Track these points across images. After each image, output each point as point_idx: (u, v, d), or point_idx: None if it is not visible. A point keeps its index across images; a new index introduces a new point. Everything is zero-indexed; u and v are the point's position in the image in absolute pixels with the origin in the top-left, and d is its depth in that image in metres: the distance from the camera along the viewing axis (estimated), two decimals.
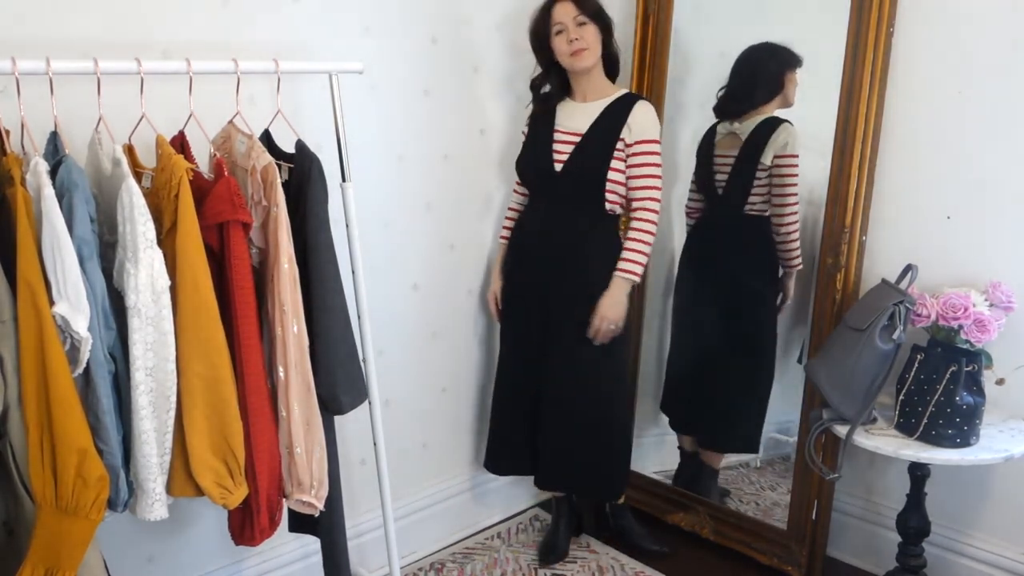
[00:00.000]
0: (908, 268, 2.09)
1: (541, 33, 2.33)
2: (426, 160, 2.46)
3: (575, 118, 2.36)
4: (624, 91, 2.38)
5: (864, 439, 2.01)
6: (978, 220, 2.17)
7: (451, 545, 2.70)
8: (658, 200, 2.31)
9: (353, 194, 1.98)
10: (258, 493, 1.71)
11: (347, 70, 1.92)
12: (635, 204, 2.32)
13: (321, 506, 1.82)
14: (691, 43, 2.65)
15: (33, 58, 1.46)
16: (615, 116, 2.32)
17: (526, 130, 2.49)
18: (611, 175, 2.30)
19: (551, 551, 2.61)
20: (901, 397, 2.03)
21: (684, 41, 2.64)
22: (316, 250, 1.79)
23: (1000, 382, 2.06)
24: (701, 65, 2.67)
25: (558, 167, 2.35)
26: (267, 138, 1.84)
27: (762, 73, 2.48)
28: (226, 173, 1.64)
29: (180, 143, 1.69)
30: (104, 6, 1.77)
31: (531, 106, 2.48)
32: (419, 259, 2.51)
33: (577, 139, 2.34)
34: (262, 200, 1.71)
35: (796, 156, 2.44)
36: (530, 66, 2.64)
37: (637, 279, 2.32)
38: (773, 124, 2.45)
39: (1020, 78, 2.06)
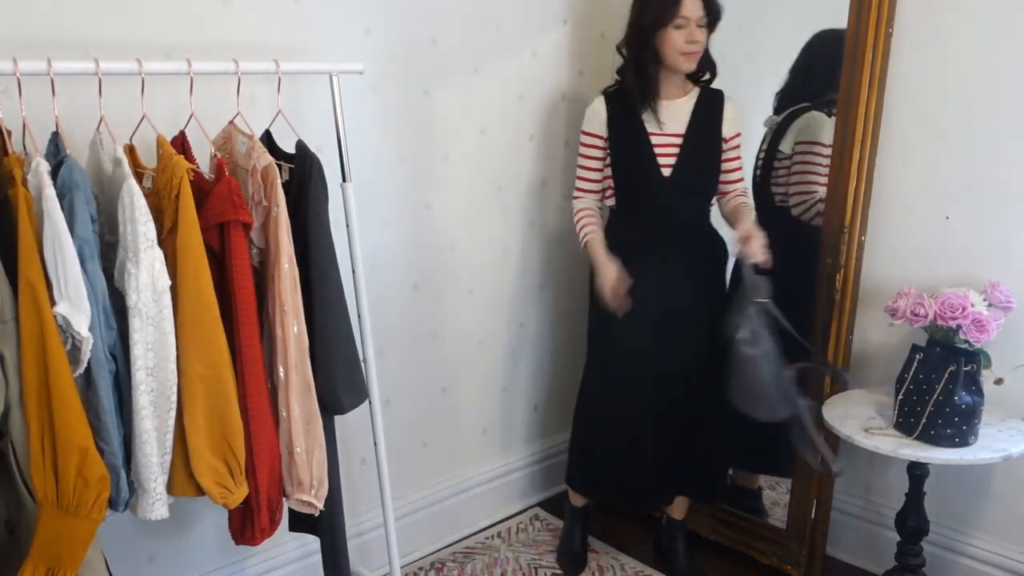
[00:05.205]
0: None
1: (660, 21, 2.17)
2: (426, 160, 2.46)
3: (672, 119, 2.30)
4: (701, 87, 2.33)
5: (863, 439, 2.01)
6: (977, 220, 2.17)
7: (451, 545, 2.70)
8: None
9: (353, 194, 1.99)
10: (258, 493, 1.71)
11: (347, 70, 1.93)
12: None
13: (321, 506, 1.82)
14: None
15: (34, 59, 1.47)
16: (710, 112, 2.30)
17: (599, 133, 2.33)
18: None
19: (578, 560, 2.58)
20: (900, 397, 2.04)
21: None
22: (316, 250, 1.79)
23: (999, 382, 2.07)
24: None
25: (666, 172, 2.28)
26: (268, 138, 1.84)
27: (820, 66, 2.40)
28: (227, 173, 1.64)
29: (181, 143, 1.69)
30: (105, 6, 1.78)
31: (604, 107, 2.32)
32: (419, 259, 2.51)
33: (679, 141, 2.28)
34: (262, 200, 1.72)
35: (817, 144, 2.39)
36: (529, 67, 2.66)
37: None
38: (799, 112, 2.43)
39: (1019, 78, 2.07)
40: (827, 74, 2.37)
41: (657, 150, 2.27)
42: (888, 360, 2.33)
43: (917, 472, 2.11)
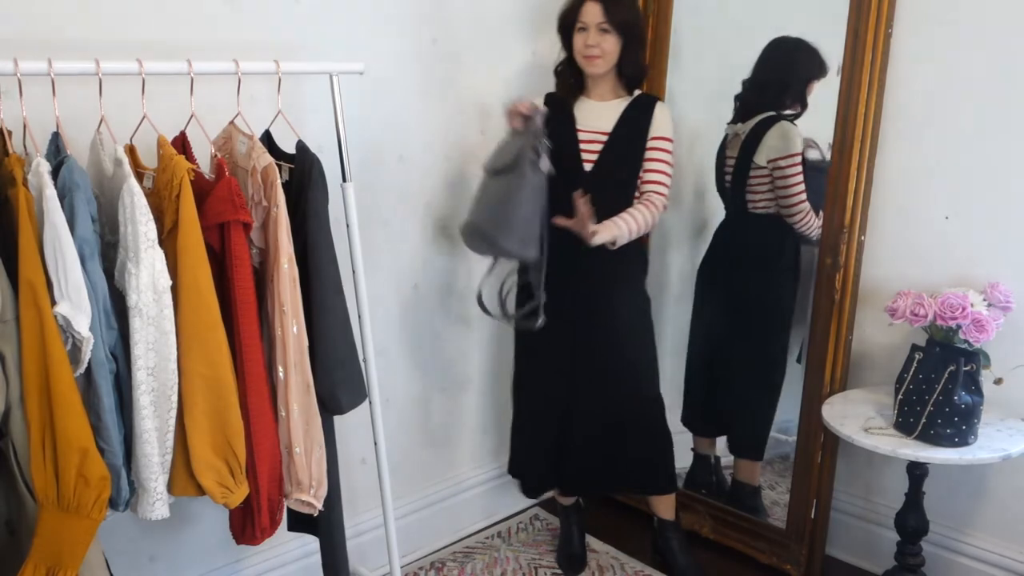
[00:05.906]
0: None
1: (566, 23, 2.29)
2: (426, 160, 2.47)
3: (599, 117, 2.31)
4: (638, 93, 2.35)
5: (863, 438, 2.01)
6: (977, 220, 2.17)
7: (451, 544, 2.70)
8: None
9: (353, 194, 1.99)
10: (259, 492, 1.71)
11: (348, 71, 1.93)
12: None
13: (320, 506, 1.82)
14: (691, 44, 2.65)
15: (35, 59, 1.47)
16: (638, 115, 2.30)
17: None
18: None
19: (576, 560, 2.58)
20: (900, 396, 2.04)
21: (683, 42, 2.64)
22: (316, 250, 1.80)
23: (998, 382, 2.07)
24: (701, 65, 2.67)
25: (588, 167, 2.29)
26: (268, 138, 1.84)
27: (793, 81, 2.46)
28: (227, 173, 1.65)
29: (181, 144, 1.69)
30: (105, 7, 1.78)
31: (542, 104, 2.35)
32: (419, 259, 2.51)
33: (604, 138, 2.29)
34: (262, 200, 1.72)
35: (795, 155, 2.42)
36: (529, 66, 2.66)
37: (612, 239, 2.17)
38: (768, 123, 2.45)
39: (1018, 79, 2.07)
40: (788, 83, 2.44)
41: (582, 145, 2.29)
42: (888, 360, 2.33)
43: (917, 472, 2.11)
